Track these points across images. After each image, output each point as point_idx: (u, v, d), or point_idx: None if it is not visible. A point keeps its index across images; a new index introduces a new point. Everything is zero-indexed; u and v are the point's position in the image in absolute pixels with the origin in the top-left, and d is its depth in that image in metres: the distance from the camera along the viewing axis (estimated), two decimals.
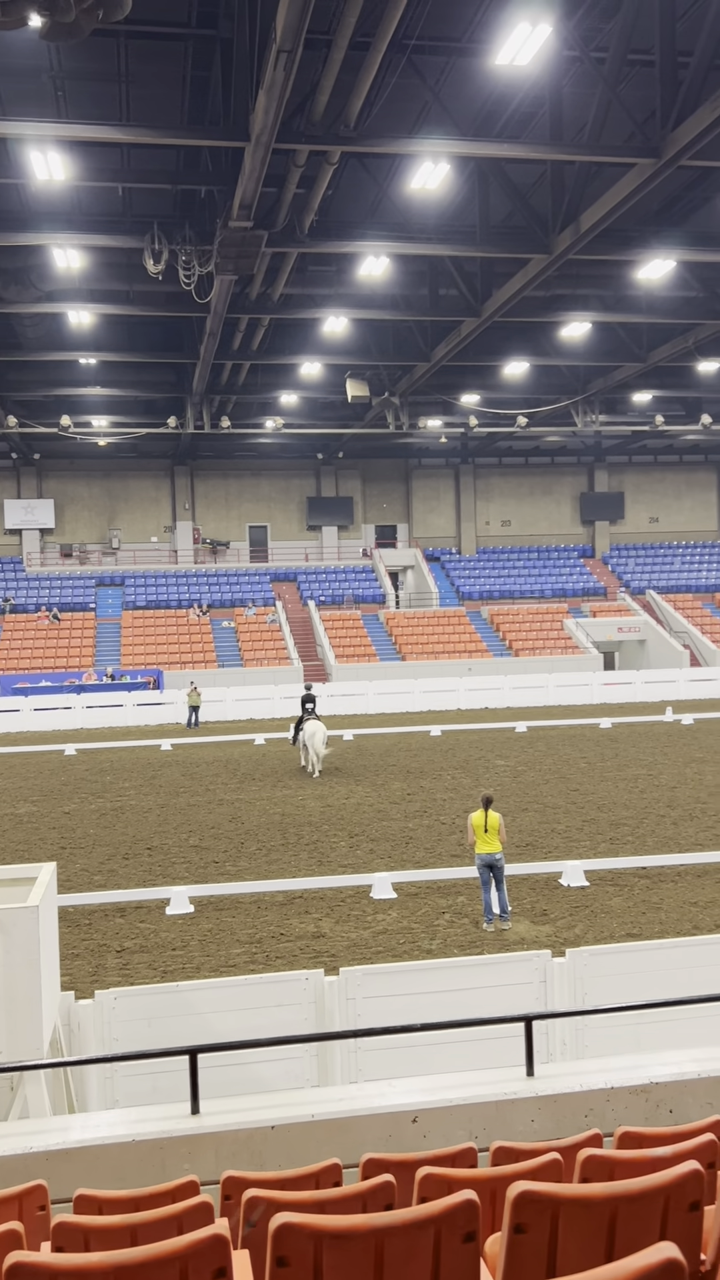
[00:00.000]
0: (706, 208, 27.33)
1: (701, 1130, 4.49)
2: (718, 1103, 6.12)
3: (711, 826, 18.14)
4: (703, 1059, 6.40)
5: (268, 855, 17.05)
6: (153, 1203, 4.36)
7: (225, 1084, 6.95)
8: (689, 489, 58.43)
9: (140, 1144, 5.64)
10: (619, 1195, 3.09)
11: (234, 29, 17.69)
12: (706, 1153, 4.04)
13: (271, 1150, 5.82)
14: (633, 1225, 3.10)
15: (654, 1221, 3.15)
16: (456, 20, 18.88)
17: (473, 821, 12.97)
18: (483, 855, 12.82)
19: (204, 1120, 5.83)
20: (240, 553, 54.67)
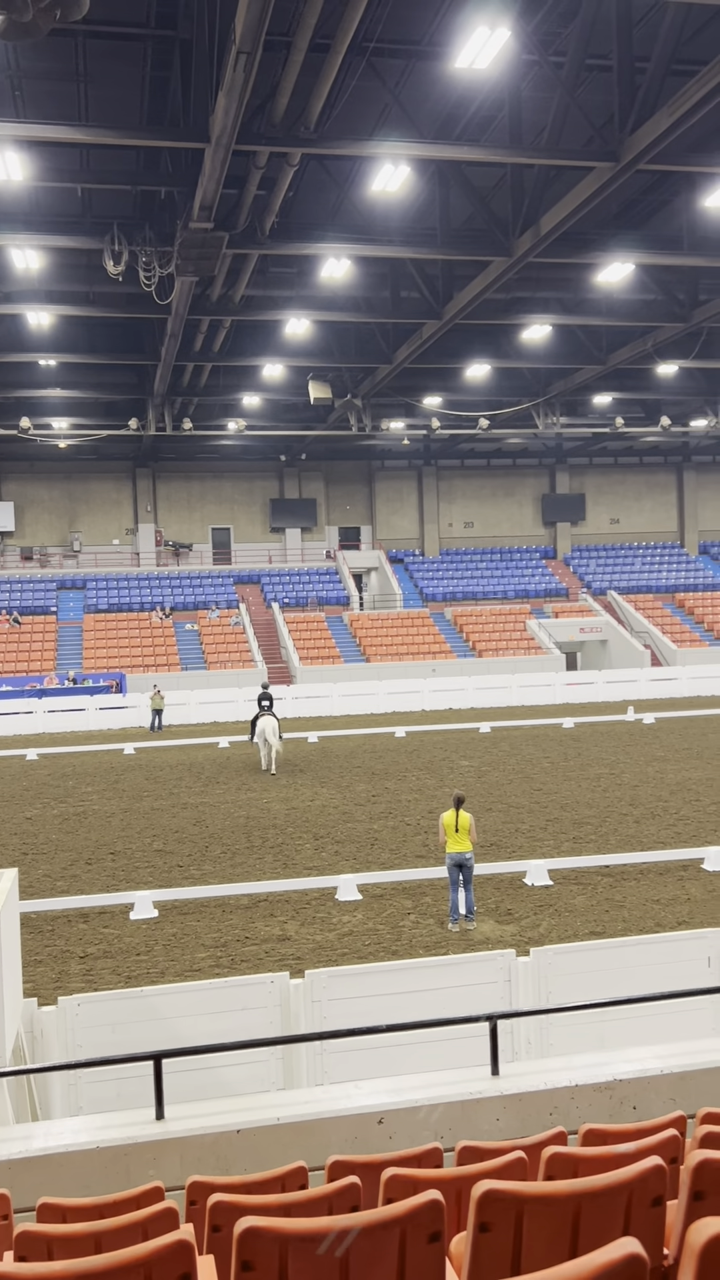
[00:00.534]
0: (665, 211, 27.59)
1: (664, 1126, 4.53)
2: (680, 1098, 6.18)
3: (673, 825, 18.31)
4: (665, 1055, 6.46)
5: (232, 859, 16.99)
6: (117, 1210, 4.33)
7: (191, 1089, 6.93)
8: (649, 490, 58.94)
9: (104, 1151, 5.60)
10: (582, 1192, 3.11)
11: (193, 30, 17.63)
12: (669, 1148, 4.08)
13: (237, 1154, 5.80)
14: (596, 1222, 3.12)
15: (617, 1218, 3.17)
16: (416, 23, 18.93)
17: (444, 821, 13.01)
18: (453, 854, 12.85)
19: (169, 1125, 5.80)
20: (203, 555, 54.46)
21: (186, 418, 42.76)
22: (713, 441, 55.01)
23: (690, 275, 30.38)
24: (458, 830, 12.87)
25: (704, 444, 56.22)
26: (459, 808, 13.00)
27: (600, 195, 20.84)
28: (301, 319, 30.81)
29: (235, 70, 15.27)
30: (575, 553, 57.36)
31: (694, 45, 18.26)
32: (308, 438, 47.84)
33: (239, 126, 17.50)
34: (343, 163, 23.61)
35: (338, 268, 26.02)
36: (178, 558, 54.01)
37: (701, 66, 16.88)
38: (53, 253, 26.39)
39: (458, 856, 12.83)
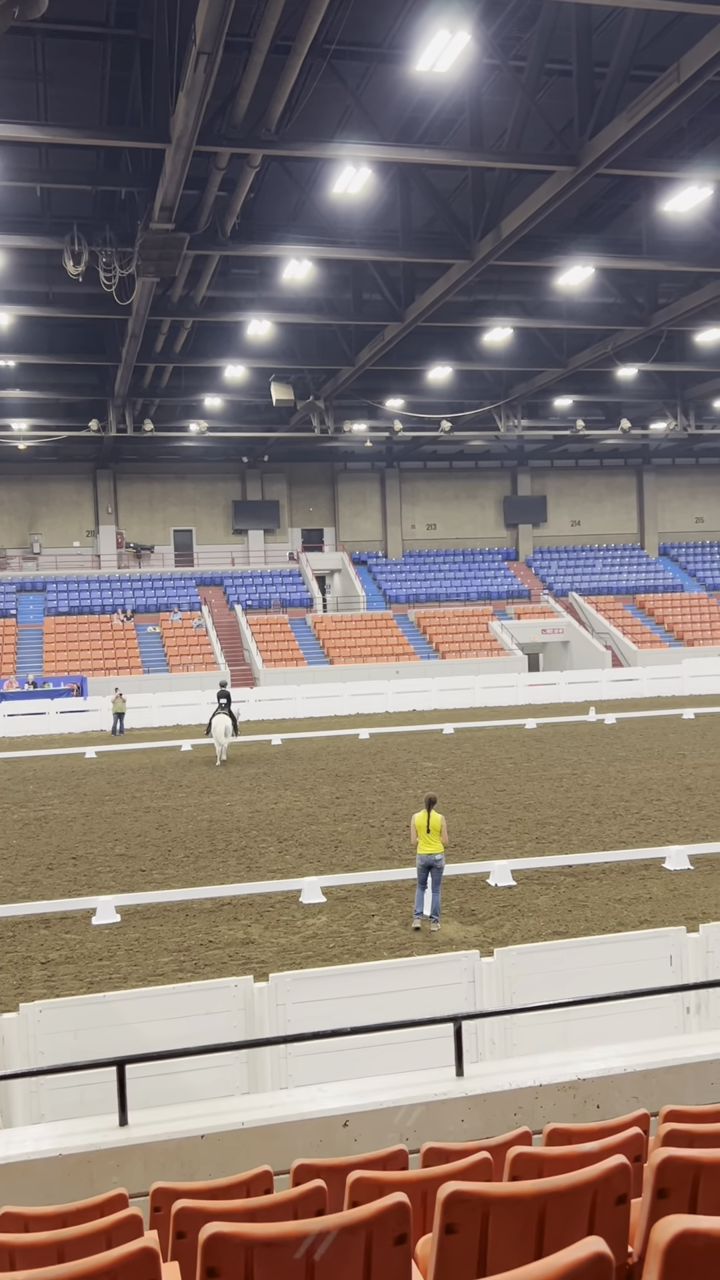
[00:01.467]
0: (624, 215, 27.84)
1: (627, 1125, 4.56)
2: (643, 1097, 6.22)
3: (634, 824, 18.45)
4: (628, 1054, 6.50)
5: (195, 862, 16.91)
6: (80, 1218, 4.29)
7: (155, 1094, 6.88)
8: (610, 493, 59.41)
9: (67, 1158, 5.55)
10: (547, 1192, 3.12)
11: (154, 30, 17.56)
12: (632, 1146, 4.10)
13: (202, 1159, 5.77)
14: (561, 1221, 3.13)
15: (582, 1217, 3.19)
16: (377, 26, 18.97)
17: (415, 822, 13.02)
18: (423, 856, 12.87)
19: (133, 1132, 5.76)
20: (165, 557, 54.19)
21: (148, 419, 42.56)
22: (672, 444, 55.56)
23: (650, 279, 30.66)
24: (429, 831, 12.88)
25: (663, 447, 56.76)
26: (430, 809, 13.01)
27: (560, 199, 21.00)
28: (263, 320, 30.77)
29: (196, 71, 15.23)
30: (537, 554, 57.69)
31: (652, 51, 18.45)
32: (270, 439, 47.77)
33: (200, 127, 17.46)
34: (304, 164, 23.61)
35: (299, 269, 26.01)
36: (139, 560, 53.71)
37: (660, 72, 17.06)
38: (12, 253, 26.16)
39: (427, 858, 12.84)
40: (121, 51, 19.60)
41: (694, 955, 9.60)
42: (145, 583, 51.62)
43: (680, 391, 44.84)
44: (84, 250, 23.61)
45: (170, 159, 18.54)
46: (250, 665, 45.73)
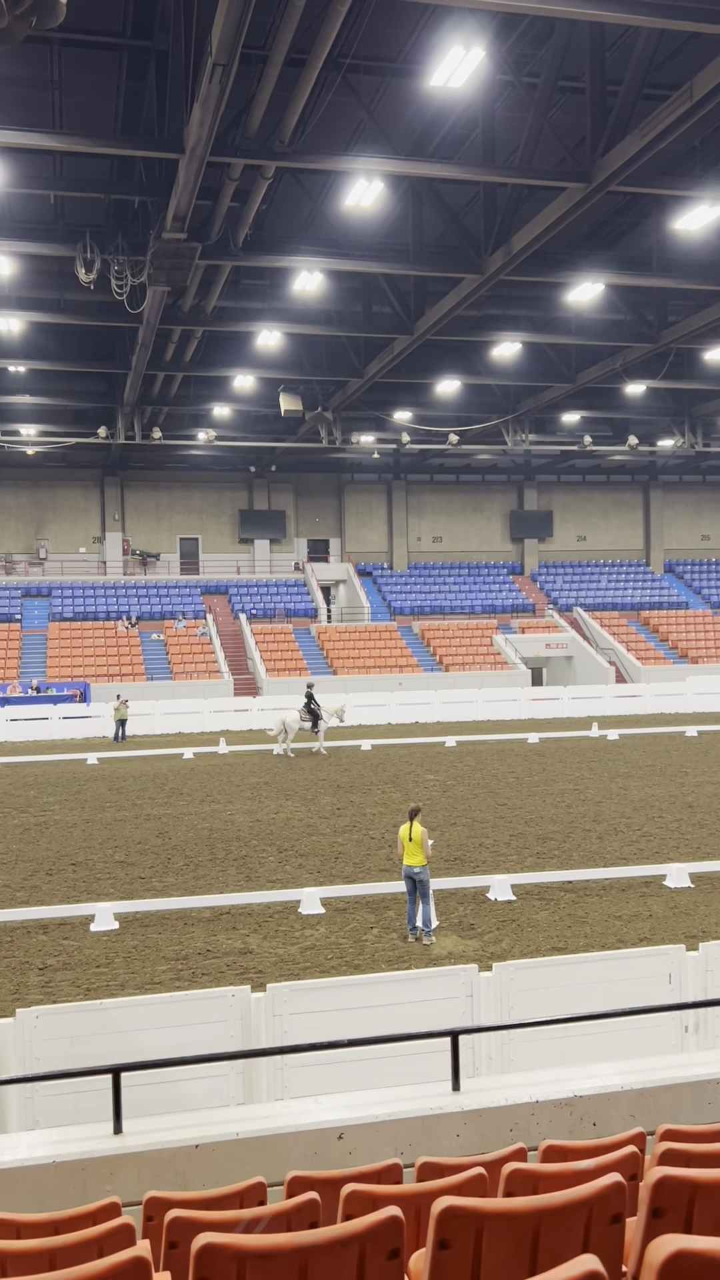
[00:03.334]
0: (635, 233, 27.92)
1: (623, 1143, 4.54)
2: (640, 1115, 6.20)
3: (635, 841, 18.40)
4: (625, 1071, 6.48)
5: (195, 871, 16.89)
6: (73, 1225, 4.28)
7: (149, 1103, 6.86)
8: (616, 509, 59.43)
9: (61, 1165, 5.54)
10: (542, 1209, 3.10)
11: (169, 41, 17.65)
12: (628, 1165, 4.08)
13: (196, 1169, 5.75)
14: (556, 1238, 3.12)
15: (577, 1234, 3.17)
16: (392, 41, 19.07)
17: (400, 834, 13.05)
18: (405, 867, 12.89)
19: (127, 1140, 5.75)
20: (171, 565, 54.27)
21: (156, 427, 42.65)
22: (679, 461, 55.58)
23: (659, 296, 30.73)
24: (411, 842, 12.88)
25: (671, 464, 56.79)
26: (412, 820, 13.01)
27: (572, 215, 21.07)
28: (273, 331, 30.86)
29: (211, 82, 15.31)
30: (542, 569, 57.70)
31: (666, 70, 18.53)
32: (278, 449, 47.87)
33: (214, 138, 17.55)
34: (317, 177, 23.71)
35: (310, 281, 26.10)
36: (145, 567, 53.79)
37: (673, 91, 17.13)
38: (24, 259, 26.28)
39: (408, 869, 12.86)
40: (137, 62, 19.71)
41: (693, 974, 9.57)
42: (150, 590, 51.68)
43: (688, 409, 44.88)
44: (96, 258, 23.72)
45: (184, 169, 18.63)
46: (253, 674, 45.72)
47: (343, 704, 34.82)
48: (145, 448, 45.81)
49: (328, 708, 32.67)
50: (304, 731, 32.19)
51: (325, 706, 32.54)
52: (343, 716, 33.50)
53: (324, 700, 33.82)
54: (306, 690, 33.17)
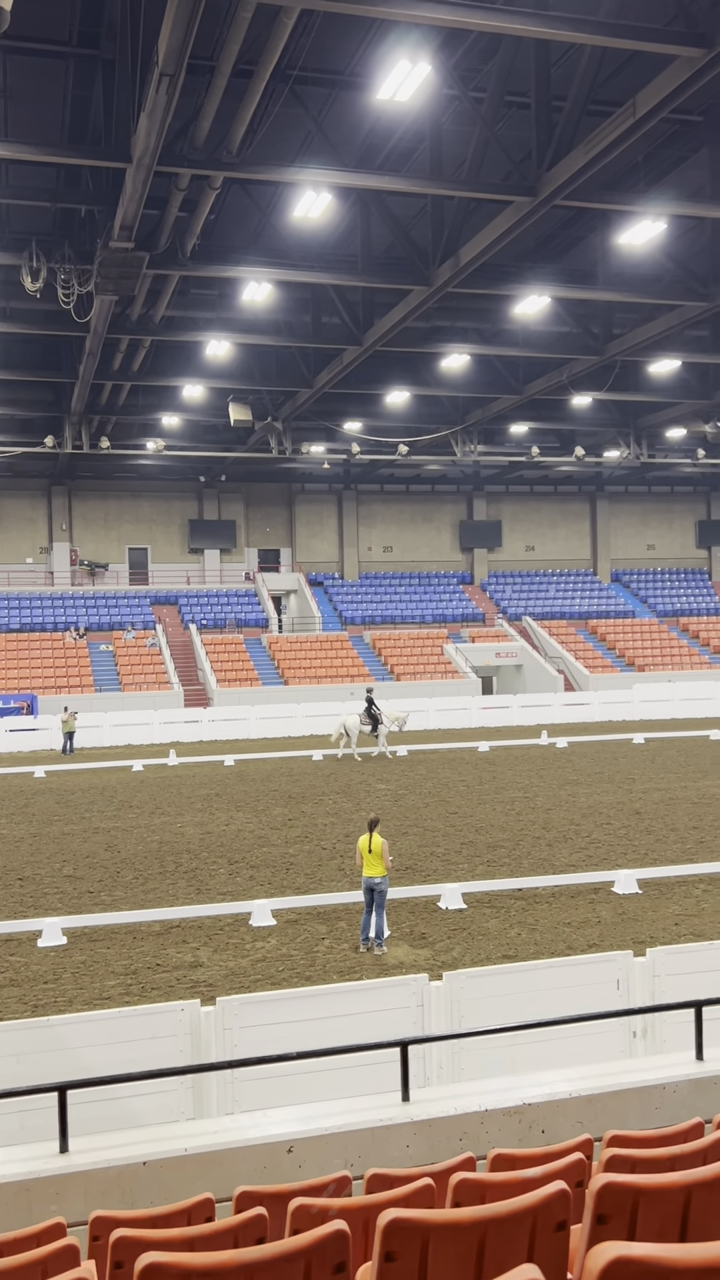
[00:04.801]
0: (580, 246, 28.27)
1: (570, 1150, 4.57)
2: (588, 1121, 6.24)
3: (584, 848, 18.55)
4: (574, 1078, 6.53)
5: (145, 884, 16.74)
6: (16, 1248, 4.21)
7: (97, 1120, 6.78)
8: (563, 519, 60.01)
9: (5, 1186, 5.46)
10: (487, 1218, 3.11)
11: (116, 50, 17.60)
12: (574, 1172, 4.11)
13: (143, 1187, 5.70)
14: (501, 1248, 3.13)
15: (522, 1243, 3.18)
16: (339, 54, 19.17)
17: (359, 845, 13.05)
18: (365, 878, 12.88)
19: (73, 1159, 5.68)
20: (119, 575, 53.85)
21: (104, 436, 42.35)
22: (625, 472, 56.28)
23: (604, 309, 31.12)
24: (370, 853, 12.89)
25: (616, 474, 57.48)
26: (372, 831, 13.02)
27: (518, 229, 21.29)
28: (222, 341, 30.81)
29: (158, 92, 15.28)
30: (492, 579, 58.07)
31: (609, 87, 18.81)
32: (228, 459, 47.74)
33: (161, 148, 17.50)
34: (265, 188, 23.73)
35: (259, 291, 26.10)
36: (93, 577, 53.32)
37: (616, 108, 17.39)
38: None
39: (366, 880, 12.86)
40: (84, 70, 19.62)
41: (640, 979, 9.66)
42: (99, 601, 51.25)
43: (633, 421, 45.47)
44: (42, 266, 23.53)
45: (131, 178, 18.56)
46: (204, 685, 45.49)
47: (407, 711, 34.89)
48: (93, 457, 45.46)
49: (389, 713, 32.86)
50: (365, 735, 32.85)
51: (387, 712, 32.74)
52: (404, 724, 33.48)
53: (386, 706, 34.23)
54: (367, 695, 33.54)
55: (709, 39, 14.75)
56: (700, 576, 60.46)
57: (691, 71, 15.41)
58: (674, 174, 23.76)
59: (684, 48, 14.94)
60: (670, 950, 9.93)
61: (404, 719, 33.49)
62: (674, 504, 61.13)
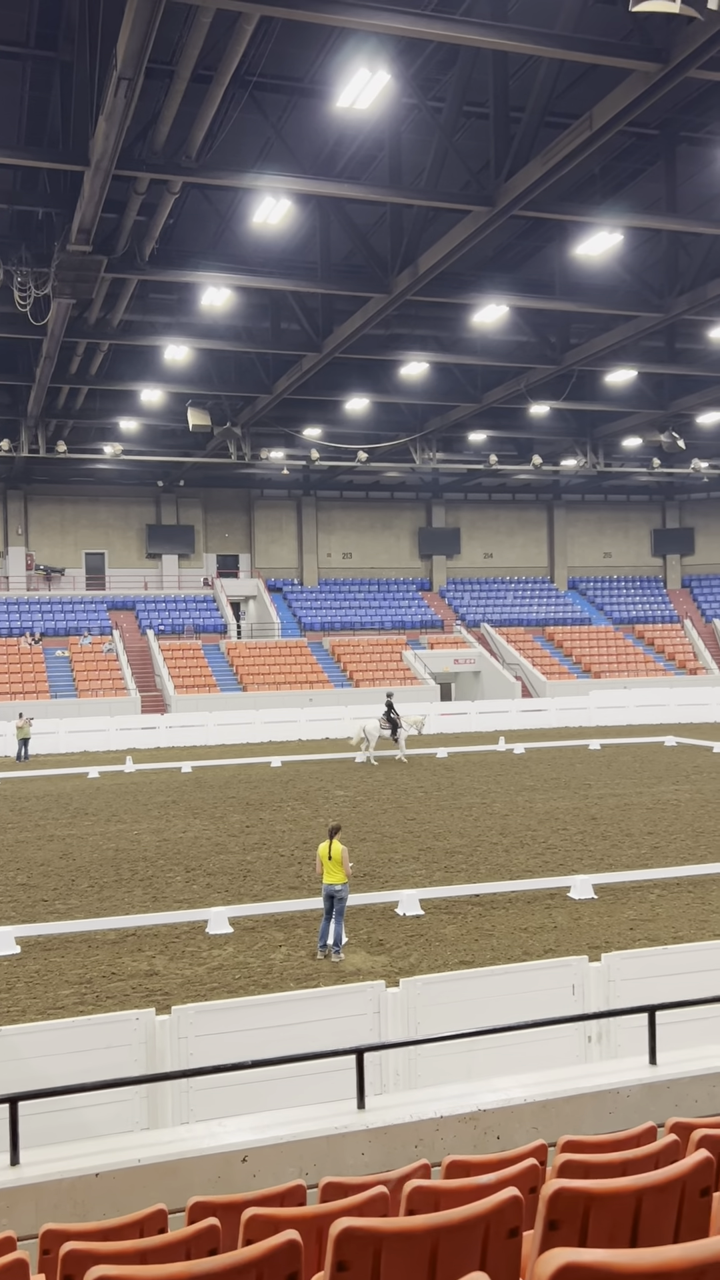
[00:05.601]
0: (538, 256, 28.48)
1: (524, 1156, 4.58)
2: (542, 1127, 6.27)
3: (541, 854, 18.65)
4: (529, 1084, 6.55)
5: (100, 892, 16.59)
6: None
7: (50, 1131, 6.70)
8: (521, 526, 60.37)
9: None
10: (439, 1226, 3.11)
11: (74, 52, 17.49)
12: (528, 1178, 4.12)
13: (96, 1199, 5.64)
14: (453, 1255, 3.13)
15: (474, 1250, 3.18)
16: (299, 61, 19.18)
17: (319, 852, 13.03)
18: (325, 885, 12.86)
19: (23, 1171, 5.61)
20: (76, 580, 53.40)
21: (61, 440, 42.01)
22: (582, 481, 56.73)
23: (562, 319, 31.38)
24: (330, 860, 12.87)
25: (573, 483, 57.94)
26: (332, 838, 13.01)
27: (476, 238, 21.41)
28: (181, 346, 30.68)
29: (116, 96, 15.20)
30: (450, 585, 58.29)
31: (566, 100, 18.98)
32: (186, 464, 47.52)
33: (119, 151, 17.41)
34: (225, 193, 23.69)
35: (218, 296, 26.03)
36: (49, 582, 52.83)
37: (573, 120, 17.56)
38: None
39: (327, 888, 12.84)
40: (41, 72, 19.48)
41: (596, 985, 9.72)
42: (55, 606, 50.77)
43: (590, 430, 45.86)
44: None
45: (89, 181, 18.44)
46: (161, 691, 45.21)
47: (424, 715, 35.83)
48: (50, 461, 45.06)
49: (408, 718, 33.68)
50: (385, 740, 33.51)
51: (405, 716, 33.54)
52: (422, 727, 34.34)
53: (404, 710, 35.02)
54: (386, 699, 34.34)
55: (665, 54, 14.94)
56: (655, 584, 61.08)
57: (648, 85, 15.59)
58: (630, 186, 24.04)
59: (640, 62, 15.12)
60: (625, 955, 10.01)
61: (421, 722, 34.28)
62: (630, 512, 61.72)
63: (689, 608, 59.23)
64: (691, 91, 20.15)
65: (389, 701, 33.83)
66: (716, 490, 59.80)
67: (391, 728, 32.65)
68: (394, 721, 32.75)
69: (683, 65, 15.01)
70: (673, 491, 60.82)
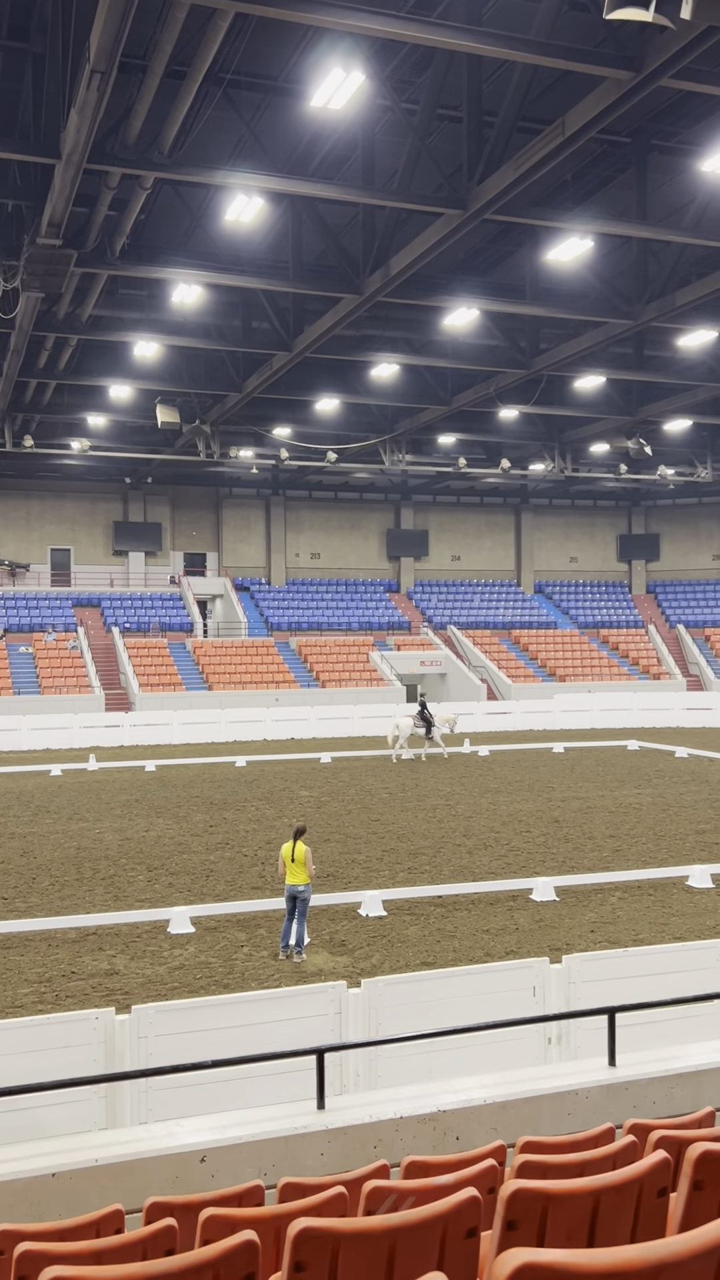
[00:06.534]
0: (509, 261, 28.59)
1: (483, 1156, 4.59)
2: (501, 1127, 6.28)
3: (504, 855, 18.72)
4: (488, 1085, 6.56)
5: (61, 891, 16.47)
6: None
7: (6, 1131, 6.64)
8: (489, 530, 60.59)
9: None
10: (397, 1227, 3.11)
11: (47, 44, 17.35)
12: (486, 1178, 4.12)
13: (52, 1199, 5.59)
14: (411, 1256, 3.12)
15: (432, 1251, 3.18)
16: (274, 59, 19.14)
17: (282, 853, 13.01)
18: (287, 886, 12.84)
19: None
20: (41, 576, 52.99)
21: (28, 435, 41.66)
22: (549, 485, 57.03)
23: (532, 324, 31.52)
24: (294, 861, 12.85)
25: (541, 487, 58.24)
26: (296, 839, 12.98)
27: (448, 241, 21.46)
28: (151, 342, 30.52)
29: (89, 89, 15.10)
30: (418, 587, 58.39)
31: (540, 105, 19.06)
32: (154, 461, 47.29)
33: (91, 145, 17.29)
34: (197, 190, 23.59)
35: (189, 294, 25.92)
36: (13, 578, 52.39)
37: (546, 126, 17.64)
38: None
39: (290, 889, 12.83)
40: (13, 63, 19.30)
41: (556, 986, 9.76)
42: (19, 602, 50.35)
43: (558, 434, 46.11)
44: None
45: (60, 175, 18.30)
46: (126, 689, 44.96)
47: (455, 714, 36.90)
48: (16, 456, 44.66)
49: (440, 716, 34.86)
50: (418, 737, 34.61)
51: (438, 715, 34.85)
52: (454, 725, 35.30)
53: (437, 709, 36.72)
54: (420, 699, 36.34)
55: (637, 62, 15.04)
56: (620, 589, 61.51)
57: (620, 93, 15.69)
58: (601, 193, 24.19)
59: (613, 70, 15.22)
60: (585, 957, 10.06)
61: (454, 720, 35.34)
62: (596, 518, 62.12)
63: (653, 613, 59.68)
64: (663, 100, 20.31)
65: (422, 701, 35.09)
66: (682, 497, 60.32)
67: (426, 726, 33.68)
68: (428, 720, 33.76)
69: (655, 74, 15.12)
70: (639, 497, 61.28)
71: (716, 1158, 3.81)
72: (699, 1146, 3.80)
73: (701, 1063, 7.01)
